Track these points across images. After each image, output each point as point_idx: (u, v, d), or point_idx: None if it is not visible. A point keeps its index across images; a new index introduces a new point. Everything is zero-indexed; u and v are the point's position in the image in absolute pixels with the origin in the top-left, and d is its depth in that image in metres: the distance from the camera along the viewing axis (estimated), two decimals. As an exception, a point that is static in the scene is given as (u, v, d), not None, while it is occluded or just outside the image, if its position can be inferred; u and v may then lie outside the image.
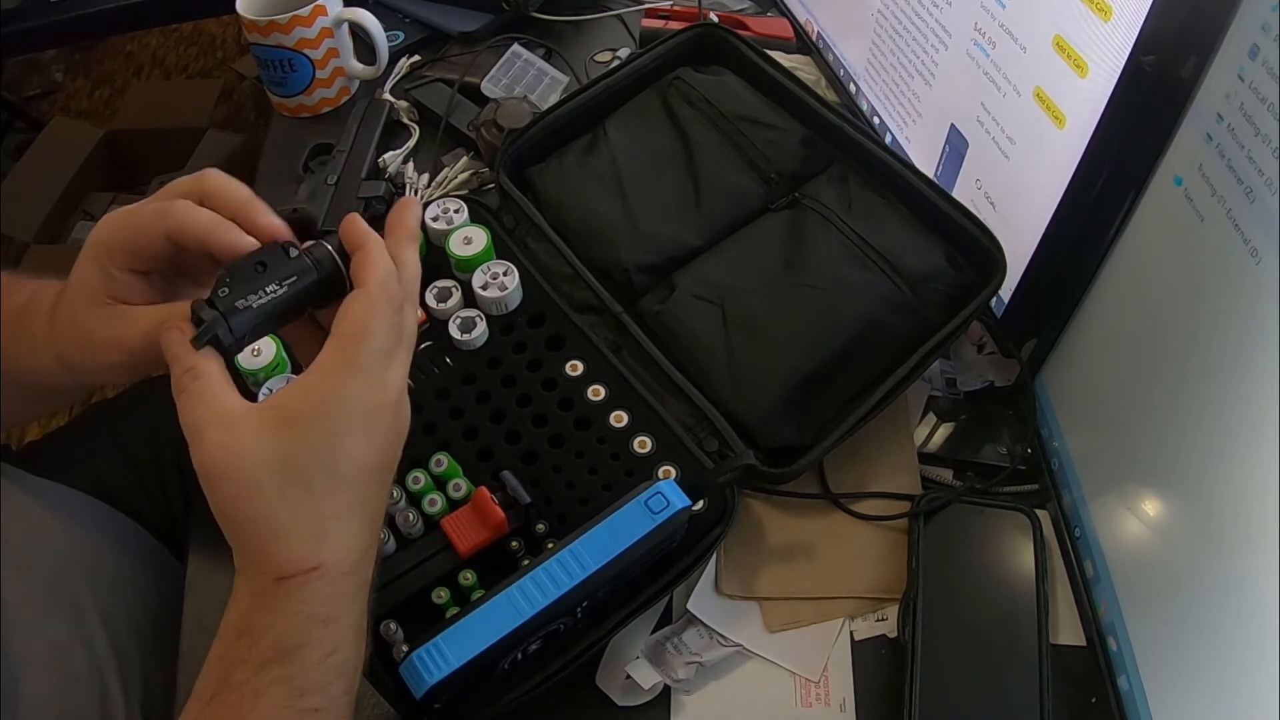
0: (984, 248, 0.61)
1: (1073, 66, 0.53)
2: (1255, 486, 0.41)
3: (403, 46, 0.96)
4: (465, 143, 0.86)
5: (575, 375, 0.60)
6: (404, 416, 0.44)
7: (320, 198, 0.79)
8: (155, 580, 0.65)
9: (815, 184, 0.68)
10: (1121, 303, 0.55)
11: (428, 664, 0.45)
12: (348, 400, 0.40)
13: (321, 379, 0.40)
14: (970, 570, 0.59)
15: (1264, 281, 0.40)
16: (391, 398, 0.42)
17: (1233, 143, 0.42)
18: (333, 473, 0.40)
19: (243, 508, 0.39)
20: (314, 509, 0.39)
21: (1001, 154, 0.62)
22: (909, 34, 0.72)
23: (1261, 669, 0.40)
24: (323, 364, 0.41)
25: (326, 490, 0.40)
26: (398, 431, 0.43)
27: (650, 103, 0.74)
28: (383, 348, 0.41)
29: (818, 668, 0.56)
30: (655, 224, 0.67)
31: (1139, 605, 0.51)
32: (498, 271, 0.63)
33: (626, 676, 0.55)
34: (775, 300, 0.62)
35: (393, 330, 0.42)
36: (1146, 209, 0.51)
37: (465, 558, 0.53)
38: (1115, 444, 0.55)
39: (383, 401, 0.41)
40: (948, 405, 0.68)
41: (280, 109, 0.93)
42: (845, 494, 0.63)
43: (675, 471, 0.57)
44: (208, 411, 0.40)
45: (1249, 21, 0.41)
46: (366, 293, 0.42)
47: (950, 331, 0.60)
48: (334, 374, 0.40)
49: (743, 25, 0.94)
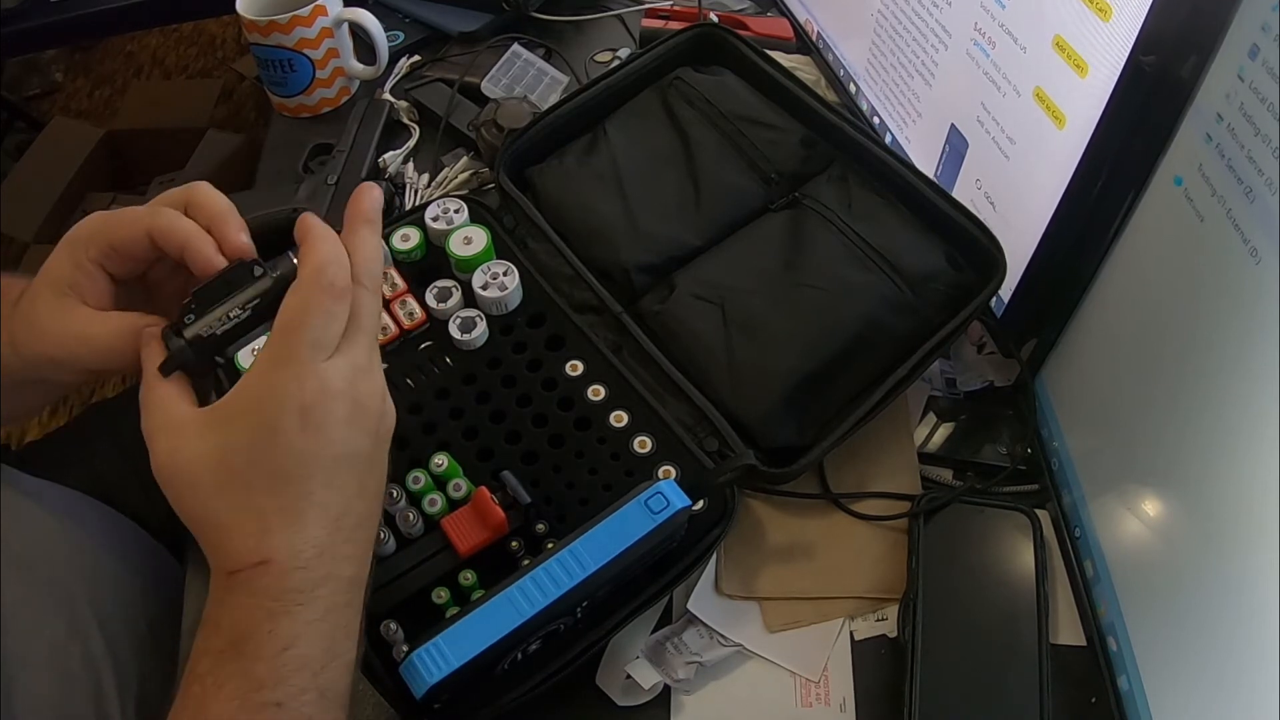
0: (984, 248, 0.61)
1: (1073, 66, 0.53)
2: (1255, 486, 0.41)
3: (403, 46, 0.96)
4: (465, 143, 0.86)
5: (575, 375, 0.60)
6: (370, 405, 0.42)
7: (320, 198, 0.79)
8: (154, 581, 0.65)
9: (815, 184, 0.68)
10: (1121, 303, 0.55)
11: (428, 664, 0.45)
12: (278, 394, 0.40)
13: (254, 375, 0.41)
14: (970, 570, 0.59)
15: (1264, 281, 0.40)
16: (335, 386, 0.41)
17: (1233, 143, 0.42)
18: (271, 468, 0.40)
19: (190, 507, 0.40)
20: (254, 504, 0.40)
21: (1001, 154, 0.62)
22: (909, 34, 0.72)
23: (1261, 669, 0.40)
24: (258, 360, 0.41)
25: (266, 486, 0.40)
26: (361, 422, 0.42)
27: (650, 103, 0.74)
28: (318, 338, 0.41)
29: (818, 668, 0.56)
30: (655, 224, 0.67)
31: (1139, 605, 0.51)
32: (498, 271, 0.63)
33: (626, 676, 0.55)
34: (775, 300, 0.62)
35: (332, 319, 0.41)
36: (1146, 209, 0.51)
37: (465, 558, 0.53)
38: (1115, 444, 0.55)
39: (323, 391, 0.40)
40: (948, 405, 0.68)
41: (280, 109, 0.93)
42: (845, 494, 0.63)
43: (675, 471, 0.57)
44: (157, 419, 0.41)
45: (1249, 21, 0.41)
46: (300, 283, 0.42)
47: (950, 331, 0.60)
48: (264, 369, 0.40)
49: (743, 25, 0.94)
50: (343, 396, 0.41)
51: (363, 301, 0.43)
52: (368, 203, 0.46)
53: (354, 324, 0.42)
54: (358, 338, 0.42)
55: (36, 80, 2.20)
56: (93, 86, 2.24)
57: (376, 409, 0.43)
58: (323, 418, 0.40)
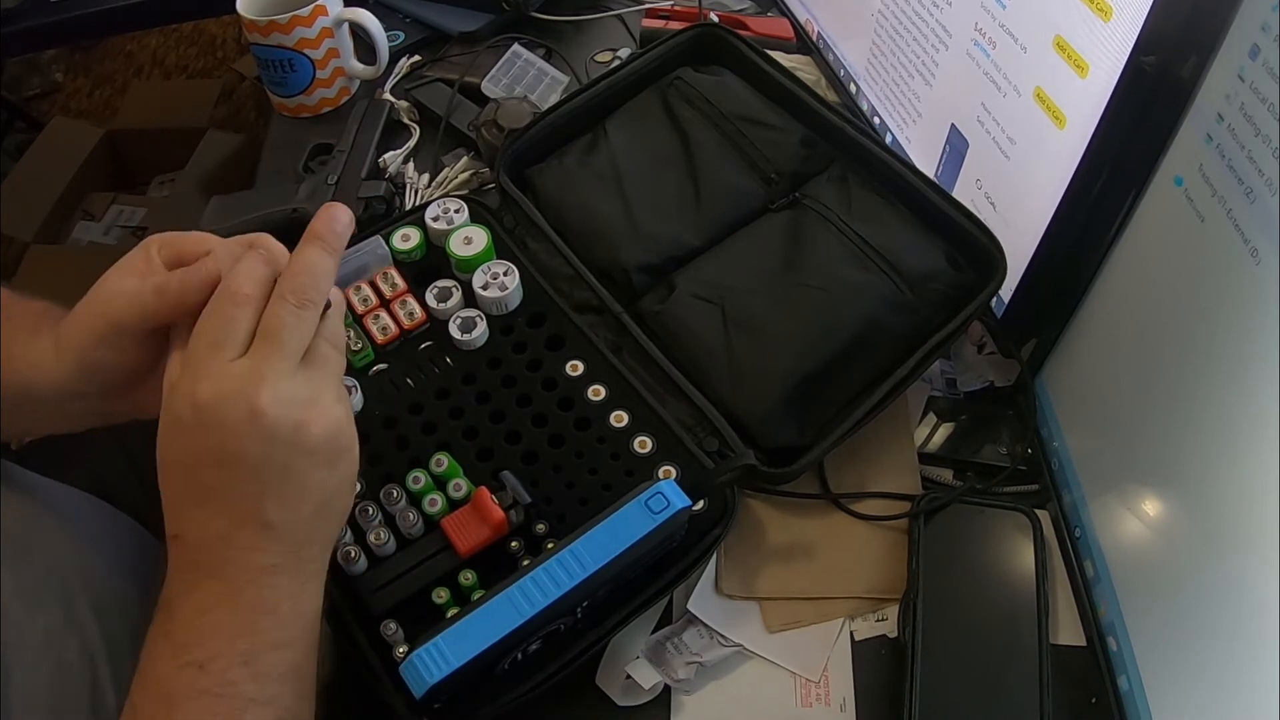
0: (984, 248, 0.61)
1: (1073, 66, 0.53)
2: (1255, 486, 0.41)
3: (403, 46, 0.96)
4: (465, 143, 0.86)
5: (575, 375, 0.60)
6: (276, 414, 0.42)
7: (320, 198, 0.79)
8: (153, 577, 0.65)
9: (815, 184, 0.68)
10: (1122, 303, 0.55)
11: (428, 664, 0.45)
12: (173, 394, 0.43)
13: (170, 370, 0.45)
14: (970, 570, 0.59)
15: (1264, 281, 0.40)
16: (230, 388, 0.41)
17: (1233, 143, 0.42)
18: (167, 461, 0.43)
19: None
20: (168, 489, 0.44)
21: (1002, 154, 0.62)
22: (909, 34, 0.72)
23: (1261, 669, 0.40)
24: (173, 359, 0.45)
25: (166, 476, 0.44)
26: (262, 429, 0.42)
27: (650, 103, 0.74)
28: (215, 340, 0.42)
29: (818, 668, 0.56)
30: (655, 224, 0.67)
31: (1139, 605, 0.51)
32: (498, 271, 0.63)
33: (626, 676, 0.55)
34: (775, 300, 0.62)
35: (230, 322, 0.42)
36: (1147, 209, 0.51)
37: (465, 558, 0.53)
38: (1115, 444, 0.55)
39: (216, 392, 0.41)
40: (948, 405, 0.68)
41: (280, 109, 0.93)
42: (845, 494, 0.63)
43: (675, 471, 0.57)
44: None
45: (1249, 21, 0.41)
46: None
47: (950, 331, 0.60)
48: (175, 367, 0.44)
49: (743, 25, 0.94)
50: (238, 399, 0.41)
51: (277, 314, 0.43)
52: (321, 222, 0.46)
53: (263, 334, 0.43)
54: (265, 348, 0.42)
55: (36, 80, 2.20)
56: (93, 86, 2.24)
57: (289, 420, 0.42)
58: (215, 416, 0.41)
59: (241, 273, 0.44)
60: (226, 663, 0.41)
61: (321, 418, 0.43)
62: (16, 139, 2.00)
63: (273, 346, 0.42)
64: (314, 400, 0.43)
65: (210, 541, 0.43)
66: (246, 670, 0.42)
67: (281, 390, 0.42)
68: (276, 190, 0.81)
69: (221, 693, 0.41)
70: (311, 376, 0.44)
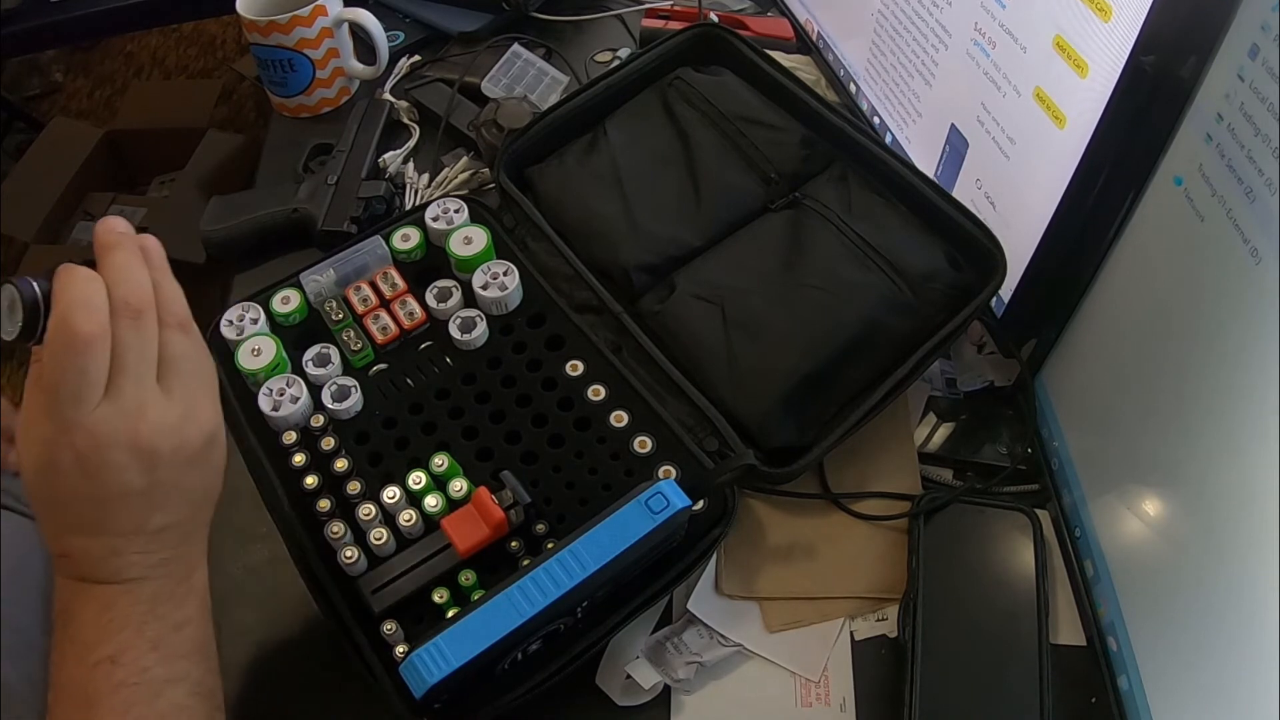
0: (984, 247, 0.61)
1: (1073, 66, 0.53)
2: (1255, 486, 0.41)
3: (403, 46, 0.96)
4: (465, 143, 0.86)
5: (575, 375, 0.60)
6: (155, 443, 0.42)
7: (320, 198, 0.79)
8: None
9: (815, 184, 0.68)
10: (1122, 303, 0.55)
11: (428, 664, 0.45)
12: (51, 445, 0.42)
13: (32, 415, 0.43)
14: (970, 570, 0.59)
15: (1264, 281, 0.40)
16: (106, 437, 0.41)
17: (1233, 143, 0.42)
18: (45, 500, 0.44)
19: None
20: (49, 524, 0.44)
21: (1002, 154, 0.62)
22: (909, 34, 0.72)
23: (1261, 669, 0.40)
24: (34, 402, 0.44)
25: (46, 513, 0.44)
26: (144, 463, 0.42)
27: (650, 103, 0.74)
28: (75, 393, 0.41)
29: (818, 668, 0.56)
30: (655, 224, 0.67)
31: (1139, 605, 0.51)
32: (498, 271, 0.63)
33: (626, 676, 0.55)
34: (775, 300, 0.62)
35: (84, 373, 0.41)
36: (1146, 209, 0.51)
37: (465, 558, 0.53)
38: (1115, 444, 0.55)
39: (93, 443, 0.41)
40: (948, 405, 0.68)
41: (280, 109, 0.93)
42: (845, 494, 0.63)
43: (675, 471, 0.57)
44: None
45: (1249, 21, 0.41)
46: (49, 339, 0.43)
47: (950, 331, 0.60)
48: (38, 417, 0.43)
49: (743, 25, 0.94)
50: (116, 440, 0.42)
51: (120, 339, 0.42)
52: (103, 229, 0.45)
53: (118, 368, 0.42)
54: (123, 383, 0.42)
55: (36, 80, 2.20)
56: (93, 86, 2.24)
57: (169, 444, 0.43)
58: (98, 462, 0.42)
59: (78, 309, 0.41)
60: (138, 652, 0.43)
61: (198, 428, 0.44)
62: (16, 139, 2.00)
63: (128, 378, 0.42)
64: (187, 414, 0.44)
65: (101, 555, 0.43)
66: (156, 654, 0.43)
67: (153, 419, 0.43)
68: (276, 190, 0.81)
69: (138, 681, 0.42)
70: (174, 390, 0.44)
